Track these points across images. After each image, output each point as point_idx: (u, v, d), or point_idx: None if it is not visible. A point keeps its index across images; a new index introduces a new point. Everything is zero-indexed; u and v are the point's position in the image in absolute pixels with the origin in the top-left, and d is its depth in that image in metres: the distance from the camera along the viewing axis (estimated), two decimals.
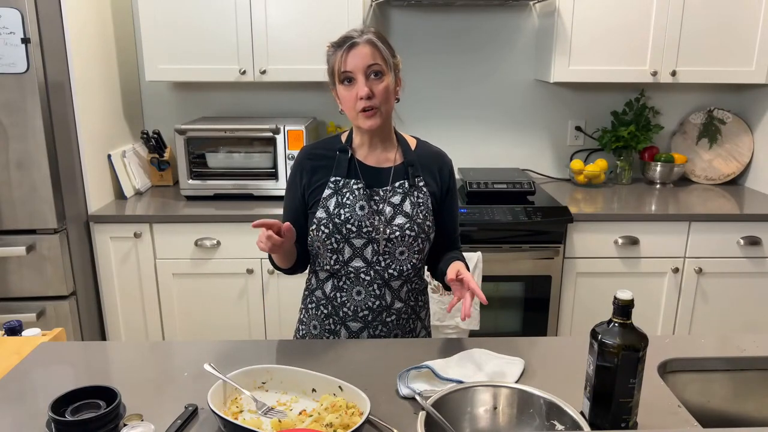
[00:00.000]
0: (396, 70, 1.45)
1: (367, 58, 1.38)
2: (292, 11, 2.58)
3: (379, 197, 1.47)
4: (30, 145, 2.22)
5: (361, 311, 1.50)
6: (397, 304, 1.51)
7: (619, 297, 1.05)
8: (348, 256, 1.47)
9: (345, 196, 1.46)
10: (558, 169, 3.16)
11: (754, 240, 2.54)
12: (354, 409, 1.11)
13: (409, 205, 1.47)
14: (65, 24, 2.30)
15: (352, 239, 1.45)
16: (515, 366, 1.30)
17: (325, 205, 1.46)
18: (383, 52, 1.40)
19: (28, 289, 2.36)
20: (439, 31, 2.97)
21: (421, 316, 1.60)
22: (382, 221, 1.45)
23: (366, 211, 1.45)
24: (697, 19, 2.62)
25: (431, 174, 1.53)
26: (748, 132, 3.00)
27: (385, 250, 1.46)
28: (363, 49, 1.38)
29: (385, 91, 1.41)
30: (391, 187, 1.48)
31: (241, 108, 3.04)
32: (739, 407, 1.36)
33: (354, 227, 1.44)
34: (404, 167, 1.50)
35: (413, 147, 1.55)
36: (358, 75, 1.38)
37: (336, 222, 1.44)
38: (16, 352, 1.39)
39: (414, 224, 1.46)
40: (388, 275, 1.48)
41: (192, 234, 2.50)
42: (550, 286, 2.56)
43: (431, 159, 1.55)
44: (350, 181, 1.47)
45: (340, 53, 1.39)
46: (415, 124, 3.04)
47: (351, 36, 1.40)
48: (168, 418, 1.13)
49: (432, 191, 1.52)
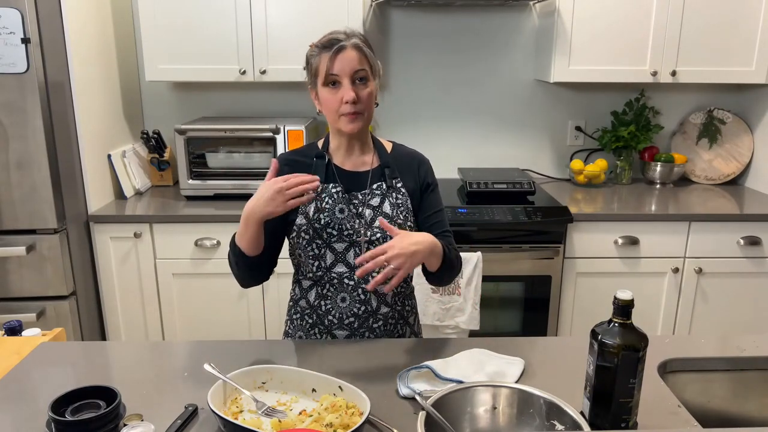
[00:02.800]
0: (379, 75, 1.46)
1: (354, 63, 1.38)
2: (292, 11, 2.58)
3: (358, 200, 1.46)
4: (30, 145, 2.22)
5: (346, 318, 1.48)
6: (384, 308, 1.50)
7: (619, 297, 1.05)
8: (330, 262, 1.45)
9: (324, 201, 1.45)
10: (558, 169, 3.16)
11: (754, 240, 2.54)
12: (354, 409, 1.11)
13: (389, 207, 1.47)
14: (65, 24, 2.30)
15: (334, 243, 1.44)
16: (515, 366, 1.30)
17: (304, 211, 1.45)
18: (369, 57, 1.41)
19: (28, 289, 2.36)
20: (439, 31, 2.97)
21: (409, 321, 1.58)
22: (363, 224, 1.45)
23: (346, 214, 1.44)
24: (697, 18, 2.62)
25: (409, 173, 1.53)
26: (748, 132, 3.00)
27: (367, 251, 1.43)
28: (350, 53, 1.38)
29: (370, 97, 1.41)
30: (369, 189, 1.48)
31: (241, 108, 3.04)
32: (739, 407, 1.36)
33: (335, 231, 1.43)
34: (381, 170, 1.50)
35: (389, 150, 1.55)
36: (344, 79, 1.38)
37: (316, 227, 1.44)
38: (16, 352, 1.39)
39: (395, 225, 1.44)
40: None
41: (192, 234, 2.50)
42: (550, 286, 2.56)
43: (408, 159, 1.55)
44: (328, 185, 1.46)
45: (327, 55, 1.38)
46: (415, 123, 3.05)
47: (338, 39, 1.39)
48: (168, 418, 1.13)
49: (411, 191, 1.51)
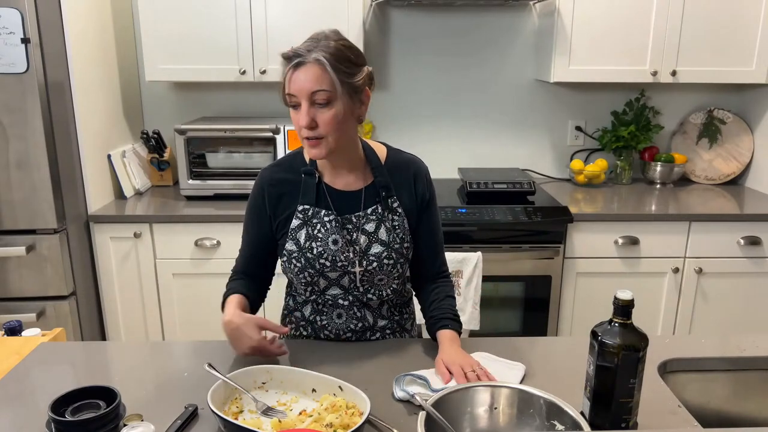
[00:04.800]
0: (355, 88, 1.26)
1: (311, 83, 1.21)
2: (292, 11, 2.58)
3: (352, 225, 1.37)
4: (30, 145, 2.22)
5: (344, 334, 1.45)
6: (381, 322, 1.47)
7: (619, 297, 1.05)
8: (324, 287, 1.40)
9: (316, 228, 1.35)
10: (558, 169, 3.16)
11: (754, 240, 2.54)
12: (354, 409, 1.11)
13: (385, 232, 1.37)
14: (65, 24, 2.30)
15: (327, 273, 1.37)
16: (516, 371, 1.30)
17: (295, 237, 1.36)
18: (333, 74, 1.21)
19: (28, 289, 2.36)
20: (439, 31, 2.97)
21: (407, 327, 1.54)
22: (358, 252, 1.36)
23: (340, 245, 1.35)
24: (697, 19, 2.62)
25: (406, 187, 1.41)
26: (748, 132, 3.00)
27: (362, 278, 1.38)
28: (309, 70, 1.21)
29: (333, 121, 1.24)
30: (363, 213, 1.37)
31: (241, 108, 3.04)
32: (739, 407, 1.36)
33: (328, 262, 1.35)
34: (375, 188, 1.38)
35: (383, 158, 1.41)
36: (302, 100, 1.23)
37: (308, 257, 1.35)
38: (16, 352, 1.39)
39: (392, 251, 1.37)
40: (367, 299, 1.42)
41: (192, 234, 2.50)
42: (550, 286, 2.56)
43: (404, 170, 1.42)
44: (320, 211, 1.35)
45: (286, 70, 1.24)
46: (415, 123, 3.04)
47: (298, 53, 1.22)
48: (168, 418, 1.13)
49: (407, 210, 1.41)
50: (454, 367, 1.23)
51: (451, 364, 1.24)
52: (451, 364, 1.25)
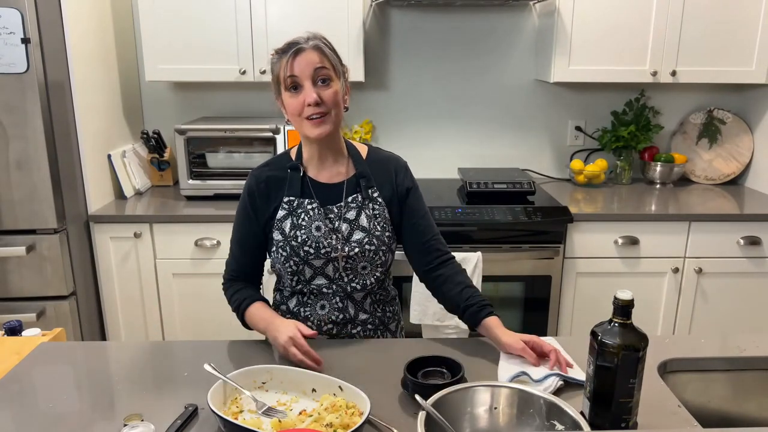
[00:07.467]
0: (345, 77, 1.42)
1: (314, 63, 1.34)
2: (292, 11, 2.58)
3: (333, 214, 1.44)
4: (30, 145, 2.22)
5: (324, 325, 1.49)
6: (362, 315, 1.50)
7: (619, 297, 1.05)
8: (309, 276, 1.46)
9: (300, 217, 1.43)
10: (558, 169, 3.16)
11: (754, 240, 2.54)
12: (354, 409, 1.11)
13: (365, 219, 1.44)
14: (65, 24, 2.30)
15: (311, 260, 1.43)
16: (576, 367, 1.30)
17: (281, 226, 1.44)
18: (330, 57, 1.37)
19: (28, 289, 2.36)
20: (439, 31, 2.97)
21: (390, 327, 1.57)
22: (340, 239, 1.43)
23: (322, 232, 1.42)
24: (697, 19, 2.62)
25: (386, 180, 1.48)
26: (748, 132, 3.00)
27: (346, 266, 1.44)
28: (309, 54, 1.34)
29: (334, 97, 1.36)
30: (344, 202, 1.45)
31: (241, 108, 3.04)
32: (739, 407, 1.36)
33: (312, 249, 1.42)
34: (356, 180, 1.46)
35: (364, 156, 1.50)
36: (305, 81, 1.34)
37: (293, 245, 1.42)
38: (16, 352, 1.39)
39: (372, 238, 1.43)
40: (350, 288, 1.47)
41: (192, 234, 2.50)
42: (550, 286, 2.56)
43: (384, 164, 1.50)
44: (304, 201, 1.44)
45: (285, 59, 1.35)
46: (415, 123, 3.04)
47: (297, 42, 1.36)
48: (168, 418, 1.13)
49: (387, 199, 1.47)
50: (546, 346, 1.29)
51: (542, 344, 1.29)
52: (536, 342, 1.29)
